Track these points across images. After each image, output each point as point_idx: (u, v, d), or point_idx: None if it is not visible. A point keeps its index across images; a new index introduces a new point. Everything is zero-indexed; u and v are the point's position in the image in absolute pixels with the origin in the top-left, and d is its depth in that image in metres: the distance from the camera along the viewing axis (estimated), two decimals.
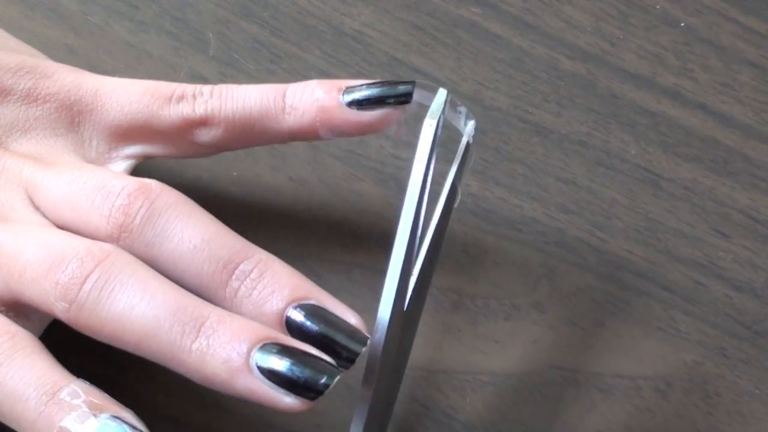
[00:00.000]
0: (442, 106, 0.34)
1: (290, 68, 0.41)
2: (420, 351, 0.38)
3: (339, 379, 0.30)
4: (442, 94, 0.35)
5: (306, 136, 0.36)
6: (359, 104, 0.35)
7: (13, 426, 0.30)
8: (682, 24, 0.44)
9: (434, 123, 0.34)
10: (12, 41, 0.36)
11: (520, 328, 0.38)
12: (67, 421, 0.28)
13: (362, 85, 0.35)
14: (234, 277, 0.31)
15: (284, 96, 0.35)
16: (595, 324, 0.39)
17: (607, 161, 0.41)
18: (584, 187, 0.41)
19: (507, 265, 0.39)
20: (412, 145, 0.39)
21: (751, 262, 0.40)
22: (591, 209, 0.40)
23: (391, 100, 0.35)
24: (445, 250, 0.39)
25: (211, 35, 0.42)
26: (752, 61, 0.43)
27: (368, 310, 0.38)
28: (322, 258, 0.38)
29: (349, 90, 0.35)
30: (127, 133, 0.35)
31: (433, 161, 0.34)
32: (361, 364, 0.31)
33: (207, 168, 0.39)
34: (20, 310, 0.32)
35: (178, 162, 0.39)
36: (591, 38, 0.43)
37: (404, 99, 0.35)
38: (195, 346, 0.29)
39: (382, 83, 0.35)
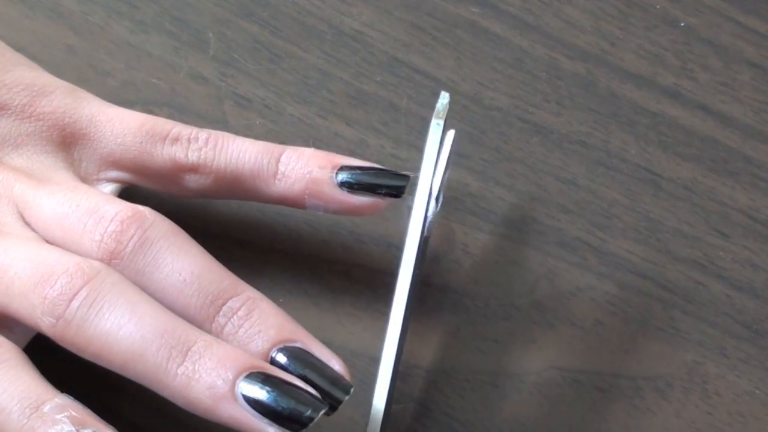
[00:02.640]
0: (447, 107, 0.35)
1: (290, 68, 0.41)
2: (420, 351, 0.38)
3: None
4: (445, 96, 0.35)
5: (292, 203, 0.35)
6: (350, 187, 0.35)
7: None
8: (682, 24, 0.44)
9: (441, 123, 0.34)
10: (9, 53, 0.36)
11: (520, 328, 0.38)
12: None
13: (357, 167, 0.35)
14: (221, 313, 0.31)
15: (278, 161, 0.35)
16: (595, 324, 0.39)
17: (607, 161, 0.41)
18: (584, 187, 0.41)
19: (506, 265, 0.39)
20: (412, 146, 0.39)
21: (751, 261, 0.40)
22: (591, 209, 0.40)
23: (383, 191, 0.35)
24: (446, 250, 0.39)
25: (211, 35, 0.42)
26: (752, 60, 0.43)
27: (368, 310, 0.38)
28: (322, 258, 0.38)
29: (343, 170, 0.35)
30: (117, 162, 0.35)
31: (445, 177, 0.35)
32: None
33: None
34: (4, 322, 0.31)
35: None
36: (591, 38, 0.43)
37: (396, 192, 0.35)
38: (180, 370, 0.29)
39: (377, 171, 0.35)
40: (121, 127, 0.35)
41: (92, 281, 0.30)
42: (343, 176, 0.35)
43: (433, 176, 0.35)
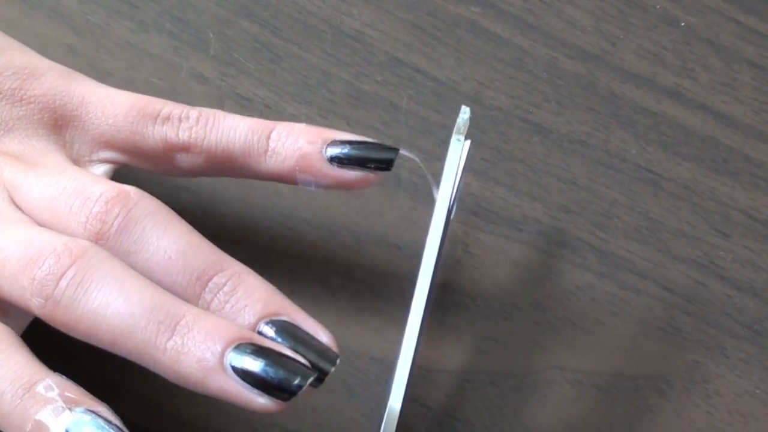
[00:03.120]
0: (468, 122, 0.35)
1: (290, 68, 0.41)
2: (420, 350, 0.38)
3: (311, 382, 0.29)
4: (465, 111, 0.35)
5: (283, 179, 0.35)
6: (340, 161, 0.35)
7: None
8: (683, 24, 0.44)
9: (462, 138, 0.35)
10: (0, 38, 0.36)
11: (521, 328, 0.38)
12: (42, 415, 0.28)
13: (347, 141, 0.35)
14: (207, 289, 0.31)
15: (269, 137, 0.35)
16: (596, 323, 0.39)
17: (607, 161, 0.41)
18: (584, 187, 0.41)
19: (507, 265, 0.39)
20: (412, 145, 0.39)
21: (751, 261, 0.40)
22: (591, 209, 0.40)
23: (372, 165, 0.35)
24: (446, 250, 0.39)
25: (211, 35, 0.42)
26: (752, 60, 0.43)
27: (368, 310, 0.38)
28: (322, 258, 0.38)
29: (333, 144, 0.35)
30: (109, 143, 0.35)
31: (460, 183, 0.35)
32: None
33: None
34: (0, 307, 0.32)
35: None
36: (591, 38, 0.43)
37: (385, 165, 0.35)
38: (170, 344, 0.29)
39: (366, 144, 0.35)
40: (112, 107, 0.35)
41: (79, 260, 0.30)
42: (332, 151, 0.35)
43: (452, 194, 0.35)
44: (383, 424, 0.33)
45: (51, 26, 0.41)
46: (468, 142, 0.36)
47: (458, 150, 0.35)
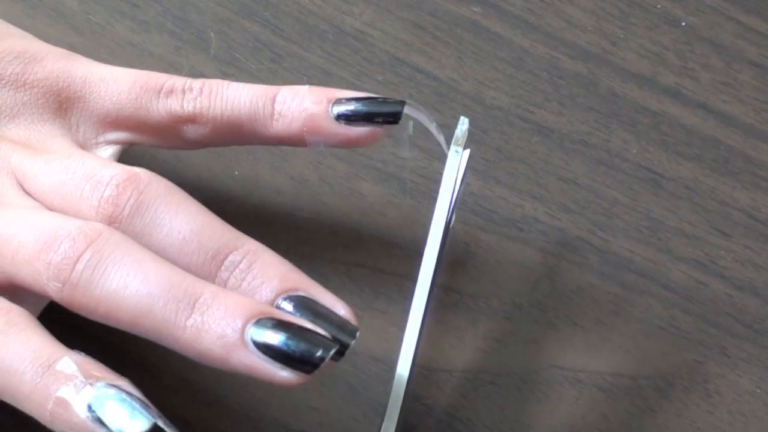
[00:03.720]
0: (466, 134, 0.35)
1: (291, 67, 0.41)
2: (421, 350, 0.38)
3: (334, 353, 0.29)
4: (464, 122, 0.35)
5: (292, 142, 0.35)
6: (347, 119, 0.35)
7: (9, 401, 0.30)
8: (683, 23, 0.44)
9: (460, 150, 0.35)
10: (1, 25, 0.36)
11: (521, 327, 0.38)
12: (64, 391, 0.28)
13: (352, 98, 0.35)
14: (223, 268, 0.31)
15: (274, 101, 0.35)
16: (596, 323, 0.39)
17: (608, 160, 0.41)
18: (585, 187, 0.41)
19: (508, 264, 0.39)
20: (414, 145, 0.39)
21: (752, 261, 0.40)
22: (592, 208, 0.40)
23: (379, 119, 0.35)
24: (447, 250, 0.39)
25: (212, 34, 0.42)
26: (753, 60, 0.43)
27: (369, 309, 0.38)
28: (323, 257, 0.38)
29: (338, 102, 0.35)
30: (114, 122, 0.35)
31: (459, 191, 0.35)
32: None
33: (208, 167, 0.39)
34: (15, 293, 0.31)
35: (178, 160, 0.39)
36: (592, 37, 0.43)
37: (392, 119, 0.35)
38: (190, 322, 0.29)
39: (372, 99, 0.35)
40: (115, 85, 0.35)
41: (95, 243, 0.30)
42: (339, 109, 0.35)
43: (450, 206, 0.35)
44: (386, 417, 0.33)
45: (52, 26, 0.41)
46: (467, 152, 0.36)
47: (456, 161, 0.35)
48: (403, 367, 0.34)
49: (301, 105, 0.35)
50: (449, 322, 0.38)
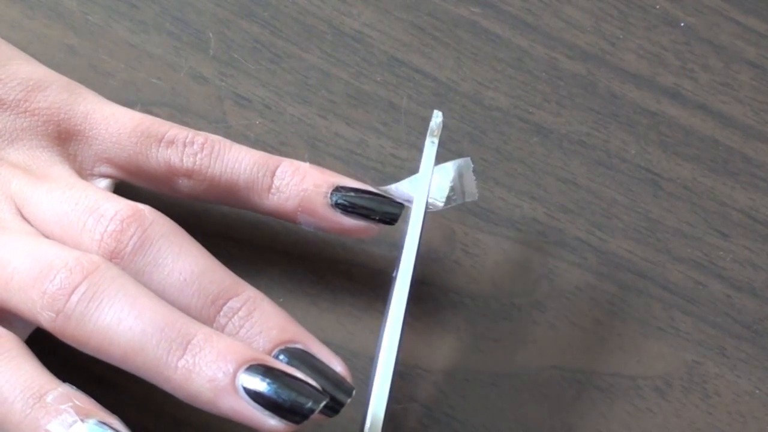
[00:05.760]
0: (441, 126, 0.35)
1: (290, 68, 0.41)
2: (420, 350, 0.38)
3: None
4: (438, 115, 0.36)
5: (284, 218, 0.35)
6: (344, 209, 0.35)
7: None
8: (682, 24, 0.44)
9: (436, 141, 0.35)
10: (4, 47, 0.36)
11: (520, 328, 0.38)
12: (53, 425, 0.28)
13: (352, 189, 0.35)
14: (222, 313, 0.31)
15: (274, 174, 0.35)
16: (595, 323, 0.39)
17: (607, 161, 0.41)
18: (584, 187, 0.41)
19: (507, 265, 0.39)
20: (412, 146, 0.39)
21: (751, 261, 0.40)
22: (591, 209, 0.40)
23: (376, 217, 0.35)
24: (446, 250, 0.39)
25: (211, 35, 0.42)
26: (752, 60, 0.43)
27: (368, 310, 0.38)
28: (322, 258, 0.38)
29: (338, 190, 0.35)
30: (111, 160, 0.35)
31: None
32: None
33: None
34: (4, 317, 0.31)
35: None
36: (591, 38, 0.43)
37: (390, 219, 0.35)
38: (181, 363, 0.29)
39: (372, 195, 0.35)
40: (116, 126, 0.35)
41: (92, 275, 0.30)
42: (337, 197, 0.35)
43: (427, 193, 0.35)
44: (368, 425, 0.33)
45: (51, 26, 0.41)
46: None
47: (432, 153, 0.36)
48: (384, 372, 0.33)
49: (301, 185, 0.35)
50: (448, 323, 0.38)
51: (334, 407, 0.30)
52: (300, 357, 0.31)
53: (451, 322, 0.38)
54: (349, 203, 0.35)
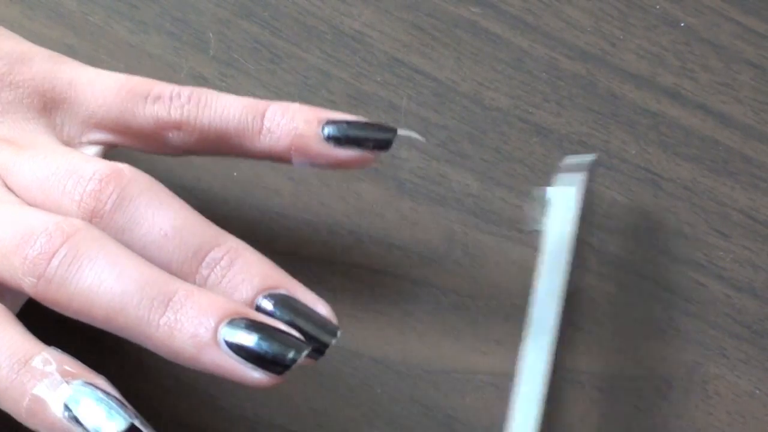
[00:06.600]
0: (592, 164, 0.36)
1: (290, 68, 0.41)
2: (420, 351, 0.38)
3: (306, 354, 0.29)
4: (587, 157, 0.35)
5: (278, 159, 0.35)
6: (337, 140, 0.34)
7: None
8: (682, 24, 0.44)
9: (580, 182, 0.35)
10: None
11: (521, 328, 0.38)
12: (39, 389, 0.28)
13: (344, 121, 0.35)
14: (204, 264, 0.31)
15: (263, 116, 0.35)
16: (595, 324, 0.39)
17: (607, 161, 0.41)
18: (584, 187, 0.41)
19: (507, 265, 0.39)
20: (412, 146, 0.39)
21: (751, 262, 0.40)
22: (591, 209, 0.40)
23: (370, 144, 0.35)
24: (446, 250, 0.39)
25: (211, 35, 0.42)
26: (752, 61, 0.43)
27: (367, 311, 0.38)
28: (322, 258, 0.38)
29: (329, 123, 0.34)
30: (99, 123, 0.35)
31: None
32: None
33: (207, 168, 0.39)
34: None
35: (178, 162, 0.39)
36: (591, 38, 0.43)
37: (383, 145, 0.35)
38: (162, 320, 0.29)
39: (363, 124, 0.35)
40: (101, 88, 0.35)
41: (71, 239, 0.30)
42: (329, 130, 0.34)
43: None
44: None
45: (51, 26, 0.41)
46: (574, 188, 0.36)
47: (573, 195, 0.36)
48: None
49: (291, 123, 0.34)
50: (449, 323, 0.38)
51: (319, 349, 0.30)
52: (283, 301, 0.31)
53: (451, 322, 0.38)
54: (341, 134, 0.34)
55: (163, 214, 0.31)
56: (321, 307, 0.31)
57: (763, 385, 0.38)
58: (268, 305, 0.30)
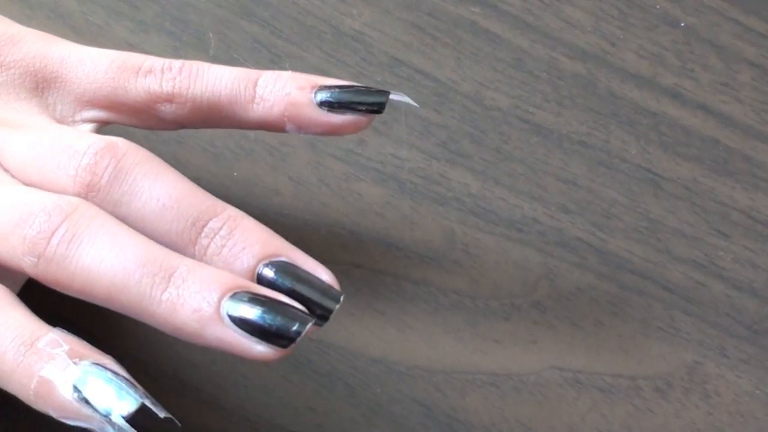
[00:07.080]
0: None
1: (290, 68, 0.41)
2: (420, 351, 0.38)
3: (310, 327, 0.29)
4: None
5: (272, 127, 0.35)
6: (330, 105, 0.34)
7: None
8: (683, 24, 0.44)
9: None
10: None
11: (520, 328, 0.38)
12: (47, 370, 0.28)
13: (335, 86, 0.34)
14: (203, 234, 0.31)
15: (255, 85, 0.34)
16: (595, 324, 0.39)
17: (607, 161, 0.41)
18: (584, 187, 0.41)
19: (507, 265, 0.39)
20: (412, 146, 0.39)
21: (751, 261, 0.40)
22: (591, 209, 0.40)
23: (362, 108, 0.34)
24: (446, 250, 0.39)
25: (211, 35, 0.42)
26: (752, 60, 0.43)
27: (367, 310, 0.38)
28: (322, 258, 0.38)
29: (321, 89, 0.34)
30: (91, 100, 0.35)
31: None
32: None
33: (207, 168, 0.39)
34: None
35: (177, 161, 0.39)
36: (591, 38, 0.43)
37: (376, 108, 0.35)
38: (165, 296, 0.29)
39: (355, 88, 0.35)
40: (92, 65, 0.35)
41: (70, 217, 0.30)
42: (322, 95, 0.34)
43: None
44: None
45: (51, 26, 0.41)
46: None
47: None
48: None
49: (284, 90, 0.34)
50: (448, 323, 0.38)
51: (323, 315, 0.30)
52: (285, 269, 0.30)
53: (451, 323, 0.38)
54: (334, 99, 0.34)
55: (160, 186, 0.31)
56: (322, 273, 0.31)
57: (764, 385, 0.38)
58: (269, 273, 0.30)
